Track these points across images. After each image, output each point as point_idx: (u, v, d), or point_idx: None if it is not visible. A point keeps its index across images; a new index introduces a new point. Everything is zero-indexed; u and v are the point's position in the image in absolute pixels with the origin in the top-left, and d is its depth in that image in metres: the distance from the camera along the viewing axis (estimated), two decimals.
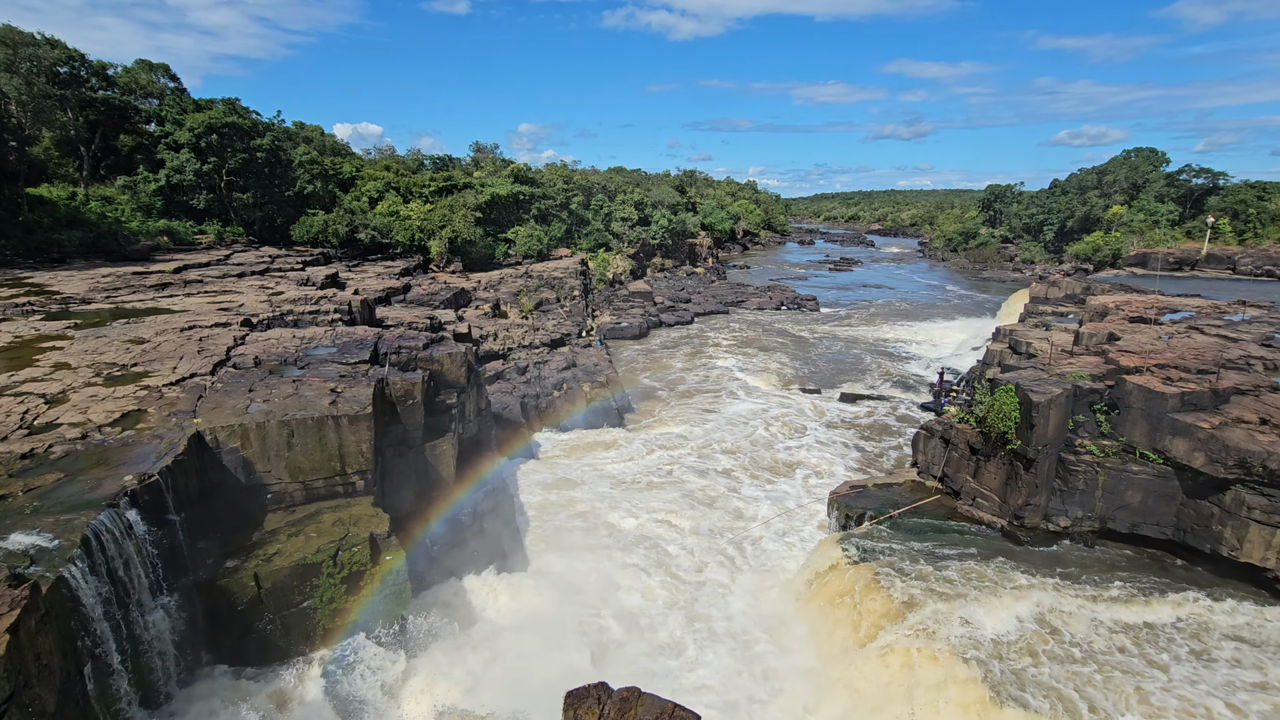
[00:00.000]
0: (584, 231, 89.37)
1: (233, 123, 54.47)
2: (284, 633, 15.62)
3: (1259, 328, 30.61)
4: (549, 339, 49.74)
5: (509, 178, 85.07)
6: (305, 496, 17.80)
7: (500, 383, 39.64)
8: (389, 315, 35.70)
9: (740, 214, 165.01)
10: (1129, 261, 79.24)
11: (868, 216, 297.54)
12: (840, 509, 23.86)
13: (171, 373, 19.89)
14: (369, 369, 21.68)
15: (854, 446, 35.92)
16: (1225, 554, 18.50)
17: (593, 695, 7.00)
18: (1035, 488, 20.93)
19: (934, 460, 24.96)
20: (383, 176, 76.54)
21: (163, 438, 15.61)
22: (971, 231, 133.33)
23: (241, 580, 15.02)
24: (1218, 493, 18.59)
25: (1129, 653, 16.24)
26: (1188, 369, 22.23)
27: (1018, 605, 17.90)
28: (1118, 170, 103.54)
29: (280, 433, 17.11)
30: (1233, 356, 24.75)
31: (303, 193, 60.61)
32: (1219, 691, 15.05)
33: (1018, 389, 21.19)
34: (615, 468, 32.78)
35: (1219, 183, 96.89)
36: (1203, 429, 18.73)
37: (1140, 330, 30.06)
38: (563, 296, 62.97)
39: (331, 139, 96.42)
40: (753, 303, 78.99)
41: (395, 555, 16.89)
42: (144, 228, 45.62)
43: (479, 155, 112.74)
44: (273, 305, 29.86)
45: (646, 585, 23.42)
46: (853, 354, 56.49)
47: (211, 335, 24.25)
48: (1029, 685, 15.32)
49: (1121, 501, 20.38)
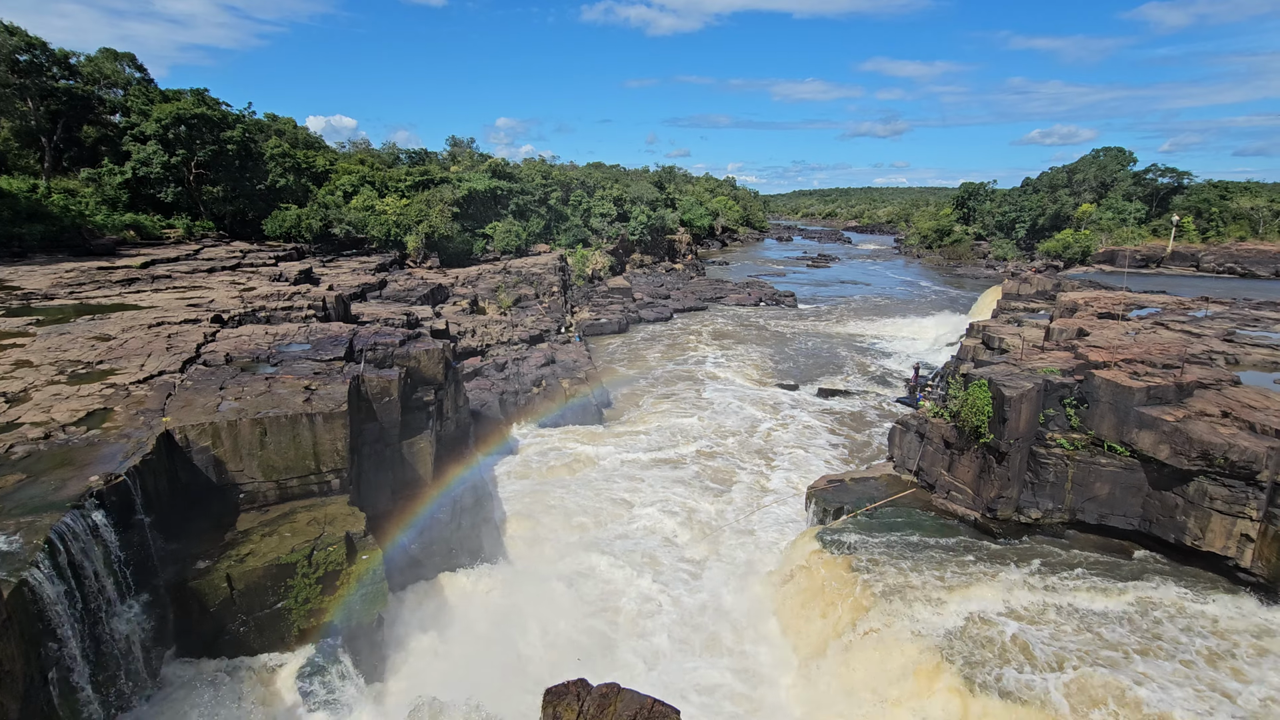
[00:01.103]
0: (563, 227, 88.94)
1: (202, 114, 53.15)
2: (258, 634, 15.36)
3: (1221, 323, 31.52)
4: (528, 335, 49.47)
5: (487, 173, 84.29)
6: (279, 496, 17.51)
7: (479, 379, 39.34)
8: (365, 311, 35.21)
9: (719, 210, 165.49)
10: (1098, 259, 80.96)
11: (845, 214, 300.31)
12: (818, 502, 24.11)
13: (139, 370, 19.40)
14: (344, 366, 21.36)
15: (831, 441, 36.29)
16: (1189, 543, 19.04)
17: (572, 692, 6.99)
18: (1007, 480, 21.34)
19: (909, 454, 25.32)
20: (357, 170, 75.35)
21: (130, 437, 15.23)
22: (946, 229, 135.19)
23: (213, 581, 14.74)
24: (1182, 484, 19.11)
25: (1095, 640, 16.63)
26: (1153, 364, 22.80)
27: (990, 596, 18.25)
28: (1087, 169, 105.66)
29: (253, 431, 16.80)
30: (1196, 351, 25.45)
31: (275, 186, 59.41)
32: (1179, 675, 15.49)
33: (990, 384, 21.56)
34: (594, 464, 32.74)
35: (1183, 182, 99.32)
36: (1167, 422, 19.23)
37: (1108, 326, 30.76)
38: (541, 293, 62.65)
39: (304, 132, 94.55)
40: (732, 299, 79.33)
41: (372, 554, 16.69)
42: (109, 221, 44.34)
43: (456, 149, 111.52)
44: (244, 301, 29.28)
45: (625, 579, 23.45)
46: (830, 350, 57.03)
47: (181, 332, 23.70)
48: (1001, 673, 15.63)
49: (1090, 493, 20.86)
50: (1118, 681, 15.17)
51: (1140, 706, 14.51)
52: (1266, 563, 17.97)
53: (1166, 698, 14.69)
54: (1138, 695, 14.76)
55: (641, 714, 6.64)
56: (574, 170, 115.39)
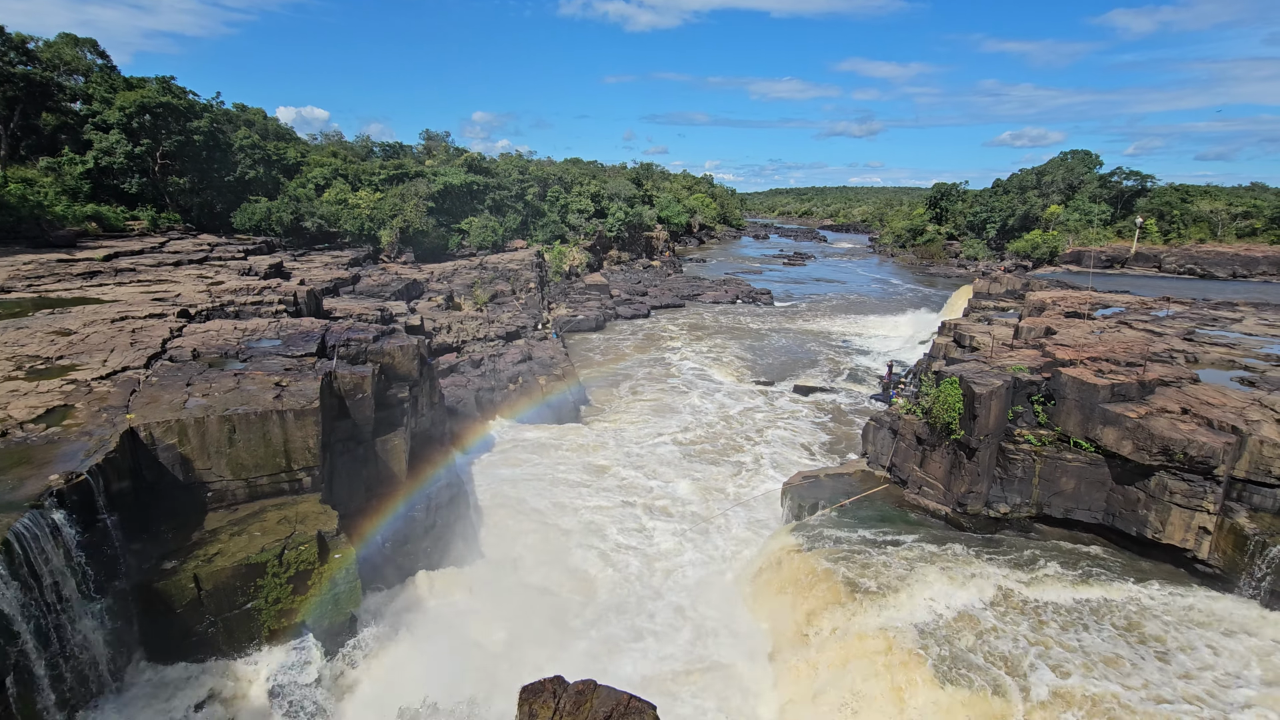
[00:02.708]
0: (540, 223, 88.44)
1: (167, 103, 51.74)
2: (227, 635, 15.07)
3: (1181, 323, 32.49)
4: (504, 332, 49.14)
5: (462, 167, 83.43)
6: (248, 494, 17.17)
7: (454, 376, 38.98)
8: (337, 307, 34.67)
9: (696, 208, 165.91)
10: (1065, 259, 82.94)
11: (820, 212, 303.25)
12: (793, 499, 24.35)
13: (101, 366, 18.86)
14: (316, 362, 21.01)
15: (806, 437, 36.67)
16: (1150, 536, 19.63)
17: (548, 689, 6.98)
18: (977, 476, 21.78)
19: (882, 450, 25.69)
20: (330, 163, 74.05)
21: (92, 435, 14.81)
22: (919, 228, 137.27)
23: (180, 582, 14.41)
24: (1143, 478, 19.68)
25: (1062, 632, 17.08)
26: (1117, 361, 23.43)
27: (959, 589, 18.62)
28: (1055, 171, 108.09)
29: (221, 428, 16.44)
30: (1158, 350, 26.21)
31: (244, 178, 58.13)
32: (1143, 665, 15.97)
33: (961, 381, 21.96)
34: (571, 460, 32.66)
35: (1147, 185, 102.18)
36: (1130, 418, 19.78)
37: (1075, 325, 31.53)
38: (518, 289, 62.26)
39: (275, 123, 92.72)
40: (709, 296, 79.65)
41: (345, 553, 16.47)
42: (70, 212, 42.95)
43: (431, 143, 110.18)
44: (212, 296, 28.62)
45: (602, 576, 23.47)
46: (806, 347, 57.58)
47: (145, 327, 23.09)
48: (969, 665, 15.97)
49: (1057, 488, 21.39)
50: (1085, 672, 15.59)
51: (1106, 697, 14.92)
52: (1223, 554, 18.61)
53: (1131, 688, 15.14)
54: (1105, 686, 15.19)
55: (618, 710, 6.65)
56: (551, 166, 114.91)
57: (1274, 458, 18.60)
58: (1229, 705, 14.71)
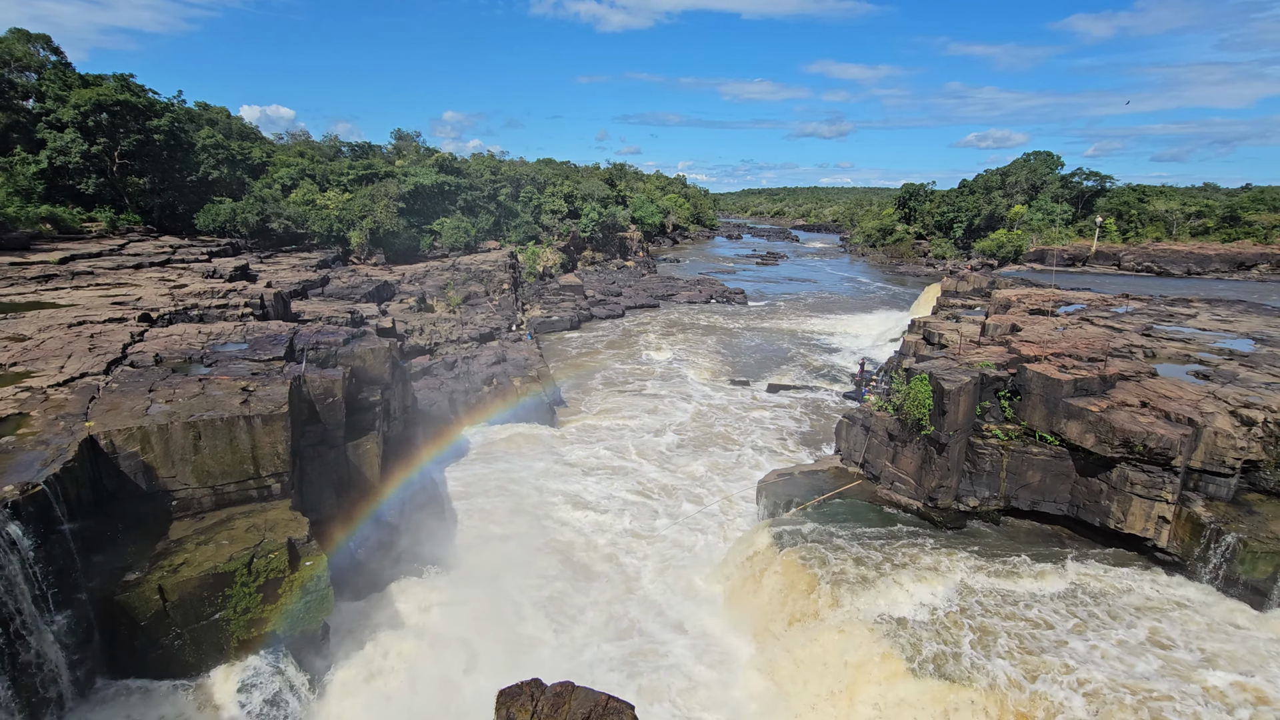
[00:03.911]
0: (513, 224, 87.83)
1: (126, 101, 50.17)
2: (194, 647, 14.68)
3: (1140, 319, 33.52)
4: (478, 333, 48.71)
5: (433, 167, 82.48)
6: (215, 502, 16.77)
7: (427, 378, 38.54)
8: (306, 309, 34.04)
9: (670, 208, 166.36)
10: (1029, 257, 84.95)
11: (792, 212, 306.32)
12: (768, 496, 24.55)
13: (58, 372, 18.25)
14: (284, 366, 20.60)
15: (781, 435, 37.00)
16: (1112, 526, 20.22)
17: (526, 692, 6.94)
18: (947, 471, 22.20)
19: (855, 447, 26.04)
20: (297, 163, 72.67)
21: (49, 443, 14.32)
22: (889, 228, 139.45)
23: (144, 594, 14.00)
24: (1106, 470, 20.26)
25: (1030, 620, 17.49)
26: (1079, 357, 24.08)
27: (932, 582, 18.96)
28: (1019, 172, 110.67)
29: (185, 435, 16.03)
30: (1118, 345, 27.00)
31: (207, 178, 56.67)
32: (1108, 648, 16.45)
33: (931, 378, 22.37)
34: (547, 462, 32.51)
35: (1106, 185, 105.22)
36: (1092, 412, 20.35)
37: (1039, 321, 32.33)
38: (492, 290, 61.77)
39: (239, 122, 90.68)
40: (683, 296, 79.91)
41: (316, 560, 16.16)
42: (22, 214, 41.43)
43: (401, 143, 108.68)
44: (175, 299, 27.87)
45: (579, 576, 23.40)
46: (779, 346, 58.10)
47: (105, 331, 22.40)
48: (942, 655, 16.27)
49: (1023, 481, 21.91)
50: (1052, 658, 15.99)
51: (1075, 682, 15.31)
52: (1180, 542, 19.25)
53: (1097, 671, 15.56)
54: (1073, 671, 15.58)
55: (596, 711, 6.64)
56: (524, 166, 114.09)
57: (1227, 448, 19.30)
58: (1190, 684, 15.20)
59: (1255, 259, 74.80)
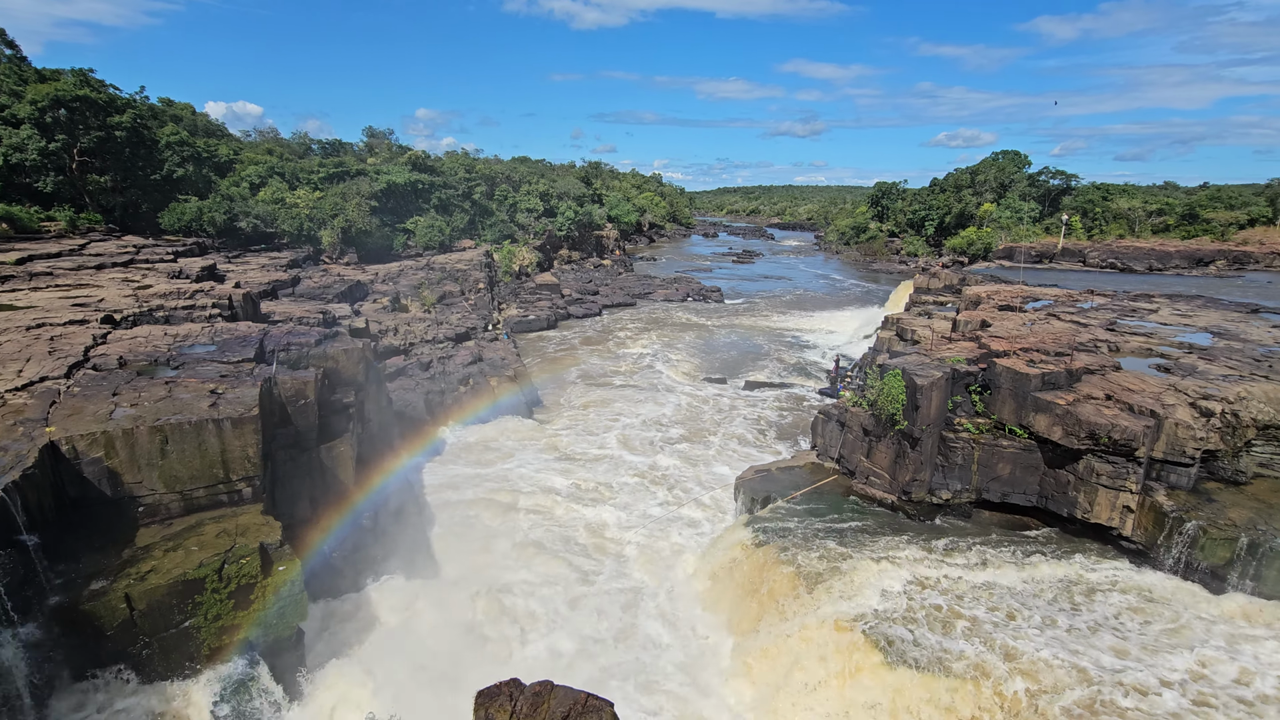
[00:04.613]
0: (488, 223, 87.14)
1: (85, 96, 48.70)
2: (163, 656, 14.36)
3: (1104, 314, 34.40)
4: (453, 333, 48.25)
5: (407, 165, 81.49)
6: (184, 508, 16.39)
7: (402, 379, 38.10)
8: (276, 310, 33.41)
9: (646, 206, 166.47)
10: (998, 255, 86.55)
11: (768, 211, 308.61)
12: (746, 493, 24.74)
13: (16, 376, 17.69)
14: (254, 368, 20.21)
15: (758, 432, 37.28)
16: (1079, 516, 20.75)
17: (504, 692, 6.91)
18: (920, 464, 22.58)
19: (831, 443, 26.35)
20: (265, 161, 71.24)
21: (7, 450, 13.88)
22: (862, 226, 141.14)
23: (110, 603, 13.65)
24: (1073, 462, 20.78)
25: (1003, 610, 17.88)
26: (1047, 352, 24.64)
27: (906, 574, 19.28)
28: (988, 171, 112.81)
29: (152, 439, 15.64)
30: (1083, 340, 27.69)
31: (172, 176, 55.26)
32: (1076, 637, 16.89)
33: (904, 373, 22.72)
34: (525, 461, 32.37)
35: (1072, 184, 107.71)
36: (1060, 405, 20.85)
37: (1008, 317, 33.01)
38: (467, 289, 61.23)
39: (204, 118, 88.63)
40: (659, 294, 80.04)
41: (289, 565, 15.90)
42: None
43: (373, 141, 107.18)
44: (139, 300, 27.16)
45: (558, 577, 23.35)
46: (756, 343, 58.52)
47: (65, 334, 21.75)
48: (918, 646, 16.56)
49: (994, 474, 22.37)
50: (1023, 644, 16.36)
51: (1045, 670, 15.69)
52: (1144, 531, 19.82)
53: (1067, 658, 15.97)
54: (1043, 659, 15.97)
55: (575, 709, 6.65)
56: (499, 164, 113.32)
57: (1187, 439, 19.92)
58: (1156, 667, 15.68)
59: (1213, 255, 77.15)
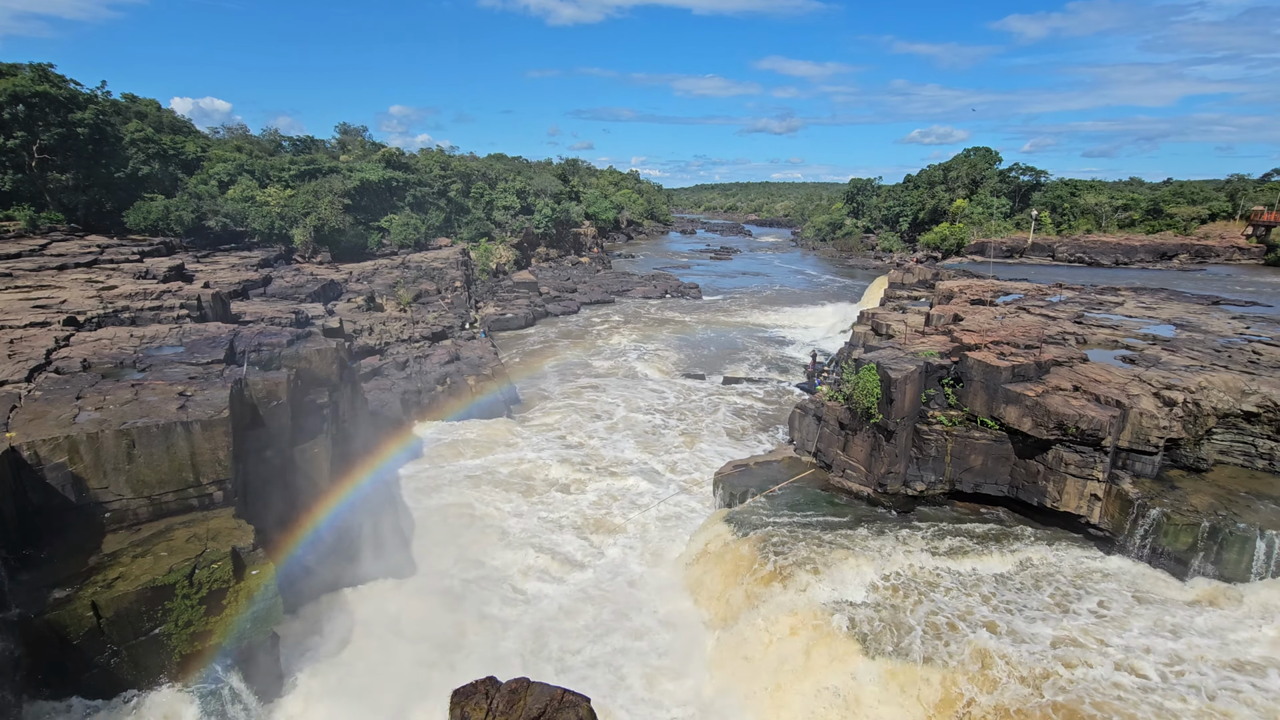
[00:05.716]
0: (464, 220, 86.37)
1: (44, 92, 47.27)
2: (132, 664, 14.07)
3: (1072, 307, 35.15)
4: (430, 332, 47.82)
5: (380, 162, 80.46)
6: (153, 513, 16.07)
7: (378, 379, 37.67)
8: (247, 310, 32.85)
9: (624, 204, 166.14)
10: (970, 250, 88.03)
11: (745, 207, 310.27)
12: (724, 487, 24.90)
13: None
14: (225, 369, 19.86)
15: (736, 427, 37.50)
16: (1049, 505, 21.22)
17: (480, 690, 6.90)
18: (895, 457, 22.90)
19: (808, 437, 26.61)
20: (234, 158, 69.86)
21: None
22: (838, 222, 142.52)
23: (75, 611, 13.33)
24: (1042, 452, 21.24)
25: (977, 598, 18.24)
26: (1017, 344, 25.13)
27: (883, 564, 19.57)
28: (960, 167, 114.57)
29: (118, 443, 15.30)
30: (1052, 333, 28.27)
31: (137, 174, 53.91)
32: (1050, 622, 17.29)
33: (879, 367, 23.02)
34: (503, 460, 32.20)
35: (1041, 180, 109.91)
36: (1029, 397, 21.28)
37: (980, 311, 33.58)
38: (443, 288, 60.68)
39: (170, 115, 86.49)
40: (638, 291, 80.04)
41: (263, 569, 15.67)
42: None
43: (346, 138, 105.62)
44: (104, 301, 26.51)
45: (538, 575, 23.28)
46: (734, 339, 58.82)
47: (26, 336, 21.17)
48: (895, 636, 16.83)
49: (966, 465, 22.78)
50: (995, 630, 16.71)
51: (1017, 655, 16.04)
52: (1111, 518, 20.34)
53: (1041, 643, 16.34)
54: (1016, 643, 16.32)
55: (552, 705, 6.66)
56: (475, 161, 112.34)
57: (1151, 428, 20.47)
58: (1114, 648, 16.11)
59: (1176, 249, 79.22)
